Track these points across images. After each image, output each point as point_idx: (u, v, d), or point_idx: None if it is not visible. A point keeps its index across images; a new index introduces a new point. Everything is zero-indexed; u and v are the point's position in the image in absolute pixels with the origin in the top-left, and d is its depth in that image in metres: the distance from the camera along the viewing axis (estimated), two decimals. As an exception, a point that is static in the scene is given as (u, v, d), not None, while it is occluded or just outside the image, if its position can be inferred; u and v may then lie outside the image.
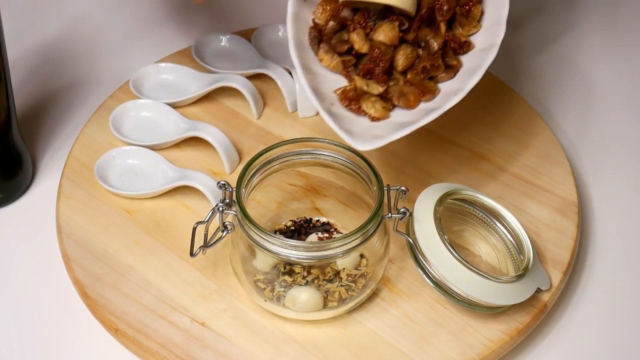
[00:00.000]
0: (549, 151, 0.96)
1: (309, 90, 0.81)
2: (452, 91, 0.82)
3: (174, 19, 1.16)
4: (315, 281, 0.79)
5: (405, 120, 0.81)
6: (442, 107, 0.80)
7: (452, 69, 0.85)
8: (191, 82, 1.01)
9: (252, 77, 1.01)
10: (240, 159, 0.95)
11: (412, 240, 0.80)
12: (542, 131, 0.98)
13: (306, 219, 0.88)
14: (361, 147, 0.78)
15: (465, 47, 0.86)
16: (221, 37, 1.06)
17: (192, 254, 0.80)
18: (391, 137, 0.78)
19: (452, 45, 0.85)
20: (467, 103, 1.00)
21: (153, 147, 0.94)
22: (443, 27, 0.85)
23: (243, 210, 0.77)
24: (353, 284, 0.80)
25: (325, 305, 0.80)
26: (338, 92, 0.83)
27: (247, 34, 1.07)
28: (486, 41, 0.85)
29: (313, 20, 0.87)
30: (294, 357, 0.79)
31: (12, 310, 0.86)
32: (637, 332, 0.86)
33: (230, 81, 0.98)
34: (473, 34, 0.87)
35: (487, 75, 1.03)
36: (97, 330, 0.82)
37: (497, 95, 1.02)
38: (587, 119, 1.06)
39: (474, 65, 0.83)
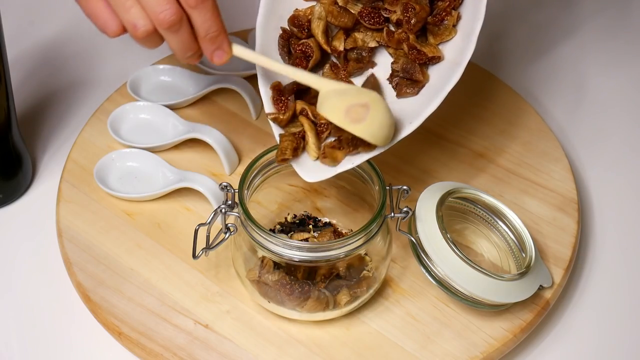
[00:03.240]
0: (547, 148, 0.97)
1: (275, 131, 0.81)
2: (411, 114, 0.79)
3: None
4: (318, 282, 0.79)
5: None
6: (395, 138, 0.78)
7: (416, 84, 0.81)
8: (189, 83, 1.01)
9: (249, 78, 1.01)
10: (240, 160, 0.95)
11: (415, 240, 0.80)
12: (540, 129, 0.99)
13: (309, 215, 0.88)
14: (308, 179, 0.78)
15: (434, 60, 0.81)
16: (218, 38, 1.05)
17: (194, 256, 0.80)
18: (342, 168, 0.78)
19: (418, 62, 0.80)
20: (465, 102, 1.01)
21: (152, 150, 0.93)
22: (406, 47, 0.81)
23: (246, 211, 0.77)
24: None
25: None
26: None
27: (244, 35, 1.07)
28: (456, 54, 0.80)
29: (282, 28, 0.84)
30: (298, 358, 0.79)
31: (12, 312, 0.86)
32: (639, 327, 0.86)
33: (228, 82, 0.98)
34: (448, 40, 0.82)
35: (486, 73, 1.04)
36: (100, 333, 0.82)
37: (496, 94, 1.02)
38: (585, 116, 1.06)
39: (437, 86, 0.80)
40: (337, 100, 0.76)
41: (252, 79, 1.01)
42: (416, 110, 0.79)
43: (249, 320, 0.81)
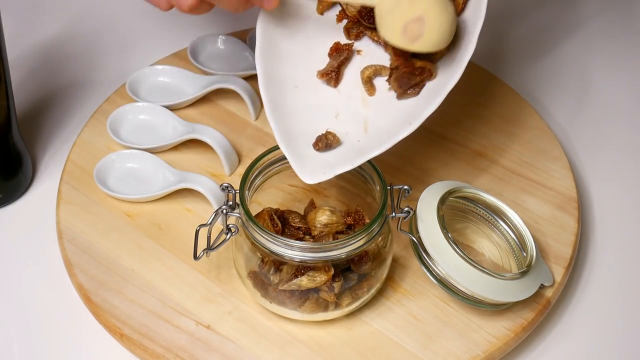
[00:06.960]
0: (546, 147, 0.97)
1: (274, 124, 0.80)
2: (411, 114, 0.79)
3: (168, 21, 1.15)
4: (320, 282, 0.79)
5: (363, 146, 0.80)
6: (394, 138, 0.78)
7: (417, 85, 0.81)
8: (188, 84, 1.01)
9: (248, 78, 1.01)
10: (240, 160, 0.95)
11: (416, 239, 0.80)
12: (539, 127, 0.99)
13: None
14: (308, 180, 0.77)
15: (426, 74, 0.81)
16: (216, 39, 1.05)
17: (195, 257, 0.80)
18: (341, 169, 0.78)
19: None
20: (465, 101, 1.01)
21: (152, 151, 0.93)
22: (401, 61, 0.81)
23: (247, 212, 0.77)
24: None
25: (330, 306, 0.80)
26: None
27: (242, 35, 1.07)
28: (456, 53, 0.80)
29: None
30: (300, 358, 0.79)
31: (13, 313, 0.85)
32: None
33: (227, 83, 0.98)
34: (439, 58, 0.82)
35: (486, 73, 1.05)
36: (101, 335, 0.82)
37: (494, 93, 1.02)
38: (584, 114, 1.06)
39: (438, 86, 0.80)
40: (392, 20, 0.78)
41: (252, 79, 1.01)
42: (416, 110, 0.80)
43: (251, 321, 0.81)
